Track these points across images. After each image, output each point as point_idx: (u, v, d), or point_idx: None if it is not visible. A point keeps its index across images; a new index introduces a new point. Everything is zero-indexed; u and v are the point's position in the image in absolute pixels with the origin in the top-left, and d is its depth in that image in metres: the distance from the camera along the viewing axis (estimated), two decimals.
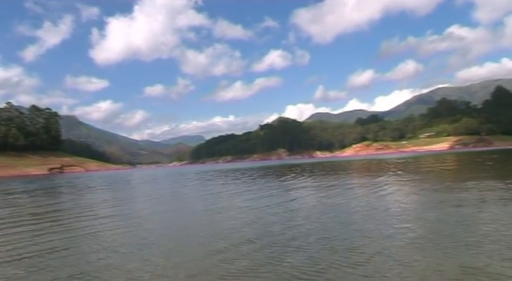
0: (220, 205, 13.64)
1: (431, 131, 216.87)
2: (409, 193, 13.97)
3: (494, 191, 12.70)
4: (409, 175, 24.10)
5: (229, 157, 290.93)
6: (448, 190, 13.84)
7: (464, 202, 10.55)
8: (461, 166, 35.25)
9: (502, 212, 8.84)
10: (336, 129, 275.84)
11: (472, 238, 6.51)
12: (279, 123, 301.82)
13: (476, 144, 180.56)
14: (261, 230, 8.20)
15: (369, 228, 7.78)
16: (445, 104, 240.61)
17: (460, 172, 27.06)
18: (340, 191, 15.64)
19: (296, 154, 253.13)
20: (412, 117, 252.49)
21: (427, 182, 18.14)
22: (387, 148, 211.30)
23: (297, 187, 19.10)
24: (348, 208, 10.72)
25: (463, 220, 8.11)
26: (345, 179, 23.53)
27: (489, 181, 16.39)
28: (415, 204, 10.92)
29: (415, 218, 8.60)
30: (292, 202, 13.13)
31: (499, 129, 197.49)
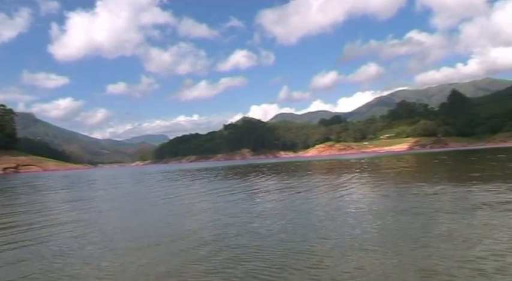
0: (182, 206, 13.48)
1: (391, 132, 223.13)
2: (368, 193, 14.23)
3: (450, 190, 13.28)
4: (370, 175, 24.76)
5: (193, 157, 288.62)
6: (406, 190, 14.25)
7: (421, 202, 10.77)
8: (419, 166, 36.49)
9: (458, 212, 9.27)
10: (300, 130, 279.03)
11: (428, 238, 6.62)
12: (244, 123, 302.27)
13: (433, 145, 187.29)
14: (219, 232, 8.13)
15: (327, 230, 7.81)
16: (405, 106, 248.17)
17: (418, 172, 28.02)
18: (303, 192, 15.76)
19: (260, 154, 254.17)
20: (374, 119, 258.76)
21: (386, 183, 18.71)
22: (349, 149, 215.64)
23: (260, 188, 19.16)
24: (308, 209, 10.77)
25: (419, 220, 8.27)
26: (308, 179, 23.86)
27: (445, 181, 17.17)
28: (374, 204, 11.10)
29: (373, 219, 8.72)
30: (254, 203, 13.12)
31: (454, 131, 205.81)
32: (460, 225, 7.67)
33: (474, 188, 13.40)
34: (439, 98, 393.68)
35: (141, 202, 16.34)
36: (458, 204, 10.23)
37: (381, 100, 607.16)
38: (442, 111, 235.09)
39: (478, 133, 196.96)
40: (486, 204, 9.98)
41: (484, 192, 12.41)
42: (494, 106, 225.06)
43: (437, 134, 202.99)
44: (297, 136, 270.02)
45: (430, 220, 8.29)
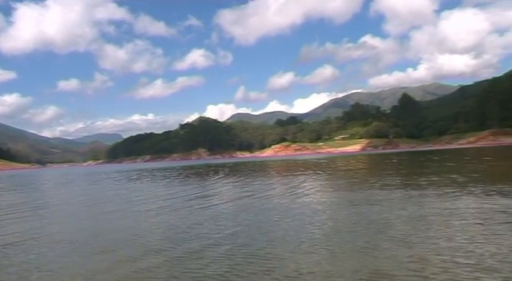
0: (134, 208, 13.27)
1: (345, 134, 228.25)
2: (321, 194, 14.43)
3: (400, 192, 13.85)
4: (324, 175, 25.31)
5: (148, 156, 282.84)
6: (357, 191, 14.67)
7: (372, 202, 11.22)
8: (372, 166, 37.69)
9: (408, 213, 9.71)
10: (256, 130, 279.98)
11: (377, 240, 6.76)
12: (200, 123, 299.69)
13: (385, 146, 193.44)
14: (169, 237, 8.02)
15: (279, 232, 7.85)
16: (358, 108, 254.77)
17: (371, 173, 28.93)
18: (257, 193, 15.82)
19: (216, 154, 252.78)
20: (329, 120, 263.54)
21: (339, 183, 19.23)
22: (305, 149, 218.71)
23: (215, 188, 19.13)
24: (262, 211, 10.82)
25: (369, 221, 8.50)
26: (263, 180, 24.06)
27: (395, 182, 17.90)
28: (326, 206, 11.29)
29: (324, 221, 8.85)
30: (209, 204, 13.06)
31: (404, 133, 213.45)
32: (409, 226, 7.95)
33: (422, 189, 14.07)
34: (390, 101, 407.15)
35: (87, 206, 15.96)
36: (408, 205, 10.70)
37: (336, 102, 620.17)
38: (393, 114, 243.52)
39: (426, 135, 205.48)
40: (434, 206, 10.52)
41: (430, 192, 13.07)
42: (441, 110, 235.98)
43: (389, 135, 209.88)
44: (253, 136, 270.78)
45: (380, 221, 8.49)
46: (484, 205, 9.90)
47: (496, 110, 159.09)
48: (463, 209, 9.53)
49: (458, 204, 10.34)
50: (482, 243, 6.34)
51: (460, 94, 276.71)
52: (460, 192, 12.53)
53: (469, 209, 9.56)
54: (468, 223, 8.00)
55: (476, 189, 13.01)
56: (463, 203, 10.51)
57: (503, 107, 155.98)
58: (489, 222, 7.95)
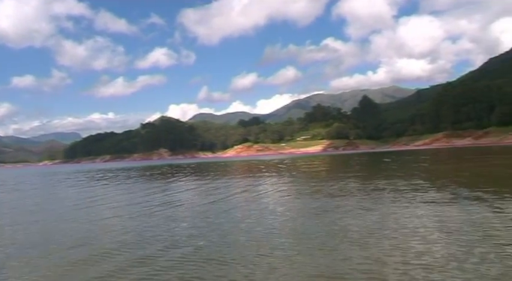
0: (90, 210, 12.87)
1: (307, 134, 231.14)
2: (283, 195, 14.45)
3: (359, 191, 14.04)
4: (286, 176, 25.42)
5: (108, 156, 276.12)
6: (319, 191, 14.76)
7: (331, 204, 11.27)
8: (333, 167, 38.24)
9: (365, 214, 9.80)
10: (219, 130, 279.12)
11: (335, 241, 6.76)
12: (162, 123, 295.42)
13: (345, 147, 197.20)
14: (126, 241, 7.73)
15: (238, 235, 7.70)
16: (320, 109, 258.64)
17: (331, 173, 29.31)
18: (220, 194, 15.71)
19: (178, 154, 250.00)
20: (291, 121, 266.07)
21: (300, 183, 19.33)
22: (267, 150, 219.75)
23: (177, 189, 18.85)
24: (223, 213, 10.63)
25: (329, 222, 8.55)
26: (225, 181, 23.88)
27: (355, 182, 18.13)
28: (287, 207, 11.29)
29: (285, 222, 8.82)
30: (169, 205, 12.79)
31: (364, 134, 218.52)
32: (365, 228, 7.99)
33: (379, 190, 14.29)
34: (351, 102, 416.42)
35: (52, 208, 15.30)
36: (365, 207, 10.80)
37: (298, 103, 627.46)
38: (353, 116, 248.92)
39: (384, 137, 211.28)
40: (390, 205, 10.66)
41: (387, 193, 13.28)
42: (399, 112, 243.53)
43: (350, 136, 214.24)
44: (215, 137, 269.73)
45: (338, 222, 8.46)
46: (438, 207, 10.10)
47: (449, 114, 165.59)
48: (418, 211, 9.69)
49: (413, 205, 10.51)
50: (435, 244, 6.40)
51: (417, 97, 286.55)
52: (415, 192, 12.78)
53: (423, 210, 9.73)
54: (422, 223, 8.11)
55: (431, 190, 13.33)
56: (417, 203, 10.70)
57: (456, 111, 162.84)
58: (442, 223, 8.08)
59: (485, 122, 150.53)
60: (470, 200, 10.42)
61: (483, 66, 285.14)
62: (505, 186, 14.04)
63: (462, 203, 10.22)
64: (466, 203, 10.27)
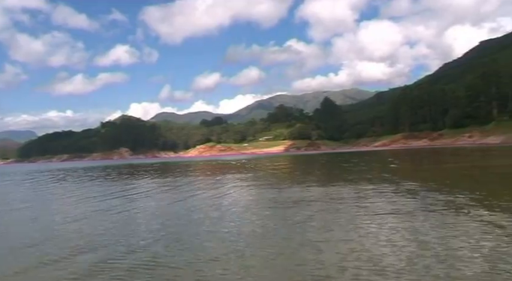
0: (39, 213, 12.39)
1: (269, 135, 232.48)
2: (244, 195, 14.36)
3: (319, 192, 14.15)
4: (248, 176, 25.36)
5: (66, 156, 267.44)
6: (279, 191, 14.80)
7: (290, 205, 11.26)
8: (294, 167, 38.55)
9: (325, 215, 9.85)
10: (181, 130, 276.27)
11: (294, 244, 6.68)
12: (122, 122, 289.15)
13: (307, 148, 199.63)
14: (77, 246, 7.29)
15: (193, 238, 7.45)
16: (283, 110, 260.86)
17: (293, 173, 29.54)
18: (182, 193, 15.48)
19: (140, 154, 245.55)
20: (254, 121, 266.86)
21: (262, 183, 19.32)
22: (230, 150, 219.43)
23: (135, 190, 18.39)
24: (183, 215, 10.37)
25: (288, 224, 8.49)
26: (187, 180, 23.61)
27: (316, 182, 18.29)
28: (250, 207, 11.18)
29: (242, 225, 8.63)
30: (126, 207, 12.37)
31: (326, 135, 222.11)
32: (323, 229, 8.00)
33: (339, 189, 14.46)
34: (313, 104, 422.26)
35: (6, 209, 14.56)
36: (329, 206, 10.87)
37: (260, 103, 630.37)
38: (315, 117, 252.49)
39: (345, 138, 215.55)
40: (354, 206, 10.77)
41: (349, 191, 13.45)
42: (359, 114, 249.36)
43: (311, 137, 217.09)
44: (178, 136, 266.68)
45: (299, 225, 8.33)
46: (391, 206, 10.29)
47: (407, 116, 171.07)
48: (377, 209, 9.85)
49: (372, 203, 10.68)
50: (393, 248, 6.47)
51: (377, 99, 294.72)
52: (375, 192, 13.02)
53: (381, 209, 9.89)
54: (381, 221, 8.22)
55: (389, 189, 13.62)
56: (376, 202, 10.88)
57: (413, 113, 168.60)
58: (404, 224, 8.23)
59: (440, 124, 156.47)
60: (439, 206, 10.63)
61: (438, 71, 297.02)
62: (458, 184, 14.54)
63: (427, 205, 10.47)
64: (431, 204, 10.52)
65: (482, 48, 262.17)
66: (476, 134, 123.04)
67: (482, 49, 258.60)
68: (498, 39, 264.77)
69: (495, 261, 5.12)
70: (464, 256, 5.47)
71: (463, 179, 17.28)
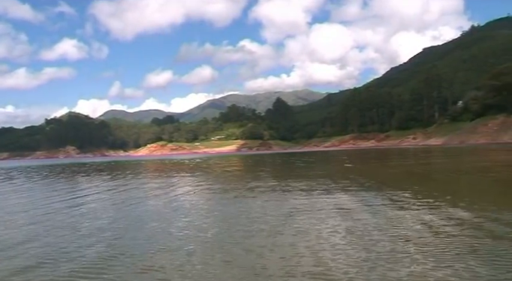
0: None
1: (221, 134, 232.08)
2: (195, 194, 14.18)
3: (271, 192, 14.37)
4: (199, 175, 25.28)
5: (6, 154, 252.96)
6: (231, 190, 14.82)
7: (241, 204, 11.30)
8: (245, 166, 38.76)
9: (276, 214, 10.04)
10: (131, 128, 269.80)
11: (242, 245, 6.60)
12: (69, 119, 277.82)
13: (259, 147, 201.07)
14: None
15: (146, 240, 7.11)
16: (235, 110, 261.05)
17: (244, 172, 29.73)
18: (132, 193, 15.16)
19: (87, 152, 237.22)
20: (206, 121, 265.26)
21: (214, 183, 19.33)
22: (181, 149, 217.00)
23: (79, 192, 17.69)
24: (137, 214, 10.16)
25: (238, 224, 8.37)
26: (136, 180, 23.17)
27: (268, 181, 18.56)
28: (199, 207, 10.99)
29: (197, 225, 8.45)
30: (76, 208, 11.80)
31: (278, 135, 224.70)
32: (274, 231, 8.07)
33: (290, 188, 14.78)
34: (265, 104, 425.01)
35: None
36: (278, 206, 11.09)
37: (213, 103, 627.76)
38: (267, 117, 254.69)
39: (297, 138, 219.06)
40: (300, 206, 11.06)
41: (297, 191, 13.78)
42: (311, 115, 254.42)
43: (263, 137, 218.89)
44: (128, 135, 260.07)
45: (247, 225, 8.26)
46: (338, 202, 10.70)
47: (356, 117, 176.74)
48: (325, 204, 10.20)
49: (321, 200, 11.04)
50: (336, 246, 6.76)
51: (328, 101, 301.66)
52: (326, 190, 13.45)
53: (329, 205, 10.25)
54: (328, 218, 8.54)
55: (338, 186, 14.11)
56: (325, 199, 11.26)
57: (362, 115, 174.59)
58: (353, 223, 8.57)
59: (386, 126, 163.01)
60: (390, 202, 11.10)
61: (385, 74, 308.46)
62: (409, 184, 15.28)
63: (374, 203, 10.91)
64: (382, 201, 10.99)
65: (425, 55, 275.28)
66: (420, 135, 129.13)
67: (425, 55, 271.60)
68: (439, 47, 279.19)
69: (440, 260, 5.37)
70: (411, 255, 5.64)
71: (410, 178, 18.17)
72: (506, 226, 6.92)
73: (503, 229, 6.74)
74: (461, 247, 5.78)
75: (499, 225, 6.99)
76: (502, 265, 4.96)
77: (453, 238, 6.34)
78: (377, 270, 4.98)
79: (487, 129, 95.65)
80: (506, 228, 6.76)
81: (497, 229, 6.72)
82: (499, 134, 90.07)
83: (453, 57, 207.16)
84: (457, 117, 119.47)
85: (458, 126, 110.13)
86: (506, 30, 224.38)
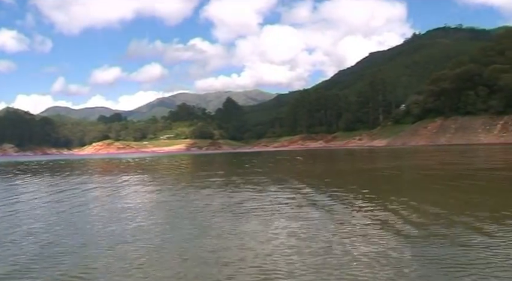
0: None
1: (171, 133, 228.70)
2: (140, 196, 13.79)
3: (219, 192, 14.47)
4: (146, 175, 24.88)
5: None
6: (177, 189, 14.73)
7: (187, 203, 11.30)
8: (194, 165, 38.53)
9: (225, 215, 10.10)
10: (76, 126, 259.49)
11: (188, 246, 6.60)
12: (7, 115, 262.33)
13: (209, 147, 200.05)
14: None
15: (65, 246, 6.65)
16: (185, 109, 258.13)
17: (192, 172, 29.58)
18: (75, 194, 14.67)
19: (27, 151, 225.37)
20: (155, 119, 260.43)
21: (161, 183, 19.12)
22: (129, 148, 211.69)
23: (14, 194, 16.79)
24: (81, 215, 9.80)
25: (183, 225, 8.23)
26: (81, 179, 22.41)
27: (217, 180, 18.62)
28: (144, 209, 10.60)
29: (141, 228, 8.17)
30: (12, 210, 11.08)
31: (227, 135, 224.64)
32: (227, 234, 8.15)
33: (237, 187, 14.93)
34: (216, 103, 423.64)
35: None
36: (225, 206, 11.17)
37: (162, 101, 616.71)
38: (218, 116, 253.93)
39: (246, 138, 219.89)
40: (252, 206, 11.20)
41: (244, 190, 13.96)
42: (261, 115, 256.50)
43: (213, 137, 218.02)
44: (72, 132, 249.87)
45: (194, 226, 8.09)
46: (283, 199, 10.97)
47: (305, 118, 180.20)
48: (268, 199, 10.42)
49: (265, 195, 11.26)
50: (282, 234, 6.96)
51: (277, 101, 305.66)
52: (269, 188, 13.70)
53: (273, 200, 10.48)
54: (285, 224, 8.75)
55: (288, 184, 14.42)
56: (271, 194, 11.49)
57: (311, 116, 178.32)
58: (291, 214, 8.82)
59: (334, 127, 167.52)
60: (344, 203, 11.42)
61: (334, 77, 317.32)
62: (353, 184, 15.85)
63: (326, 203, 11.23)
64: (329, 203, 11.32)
65: (372, 59, 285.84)
66: (365, 137, 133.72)
67: (372, 59, 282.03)
68: (384, 52, 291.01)
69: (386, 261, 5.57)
70: (364, 257, 5.64)
71: (359, 178, 18.86)
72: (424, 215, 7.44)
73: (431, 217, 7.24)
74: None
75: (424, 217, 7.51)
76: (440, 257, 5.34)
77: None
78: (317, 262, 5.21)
79: (426, 132, 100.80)
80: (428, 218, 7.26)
81: (427, 221, 7.21)
82: (437, 136, 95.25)
83: (397, 63, 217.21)
84: (399, 120, 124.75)
85: (400, 128, 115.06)
86: (443, 39, 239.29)
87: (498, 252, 5.38)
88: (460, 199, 10.44)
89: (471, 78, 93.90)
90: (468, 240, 6.08)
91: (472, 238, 6.21)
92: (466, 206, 9.02)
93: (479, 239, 6.08)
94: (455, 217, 7.75)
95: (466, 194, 11.05)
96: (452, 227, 6.97)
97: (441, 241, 6.07)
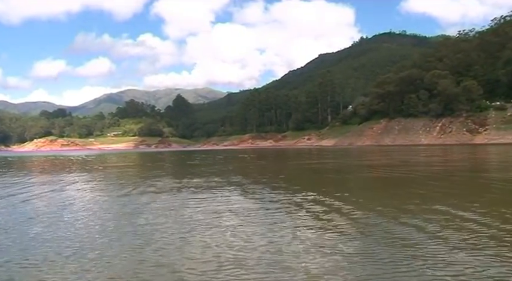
0: None
1: (118, 130, 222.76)
2: (87, 195, 12.97)
3: (167, 186, 14.51)
4: (91, 174, 24.19)
5: None
6: (124, 190, 13.88)
7: (135, 203, 10.81)
8: (141, 164, 37.95)
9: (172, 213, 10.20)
10: (15, 121, 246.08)
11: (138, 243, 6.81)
12: None
13: (158, 145, 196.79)
14: None
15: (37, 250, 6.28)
16: (133, 105, 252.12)
17: (140, 170, 29.16)
18: (15, 193, 14.05)
19: None
20: (101, 115, 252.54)
21: (107, 183, 18.70)
22: (73, 145, 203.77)
23: None
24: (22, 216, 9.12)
25: (130, 228, 7.88)
26: (21, 178, 21.51)
27: (166, 179, 18.62)
28: (90, 210, 9.86)
29: (80, 229, 7.93)
30: None
31: (177, 133, 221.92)
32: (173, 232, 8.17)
33: (186, 187, 15.07)
34: (165, 101, 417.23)
35: None
36: (182, 212, 11.26)
37: (110, 97, 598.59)
38: (167, 114, 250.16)
39: (196, 136, 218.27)
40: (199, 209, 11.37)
41: (197, 189, 14.13)
42: (211, 113, 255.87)
43: (162, 134, 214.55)
44: (11, 128, 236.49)
45: (144, 226, 7.84)
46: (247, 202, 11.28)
47: (255, 117, 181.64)
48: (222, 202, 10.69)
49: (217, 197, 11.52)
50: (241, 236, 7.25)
51: (228, 100, 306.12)
52: (222, 186, 13.97)
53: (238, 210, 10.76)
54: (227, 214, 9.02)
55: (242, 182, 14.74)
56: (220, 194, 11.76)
57: (261, 115, 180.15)
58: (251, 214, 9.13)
59: (284, 126, 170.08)
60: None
61: (284, 77, 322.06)
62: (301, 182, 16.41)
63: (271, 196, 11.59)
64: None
65: (321, 60, 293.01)
66: (314, 136, 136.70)
67: (321, 61, 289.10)
68: (333, 54, 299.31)
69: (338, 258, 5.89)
70: (316, 257, 5.63)
71: (308, 176, 19.49)
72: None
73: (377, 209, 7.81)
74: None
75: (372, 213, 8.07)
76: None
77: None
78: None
79: (372, 133, 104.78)
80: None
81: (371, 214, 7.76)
82: (382, 136, 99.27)
83: (345, 65, 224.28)
84: (347, 120, 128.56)
85: (348, 129, 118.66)
86: (388, 44, 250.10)
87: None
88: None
89: (413, 82, 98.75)
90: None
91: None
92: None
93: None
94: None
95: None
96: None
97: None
